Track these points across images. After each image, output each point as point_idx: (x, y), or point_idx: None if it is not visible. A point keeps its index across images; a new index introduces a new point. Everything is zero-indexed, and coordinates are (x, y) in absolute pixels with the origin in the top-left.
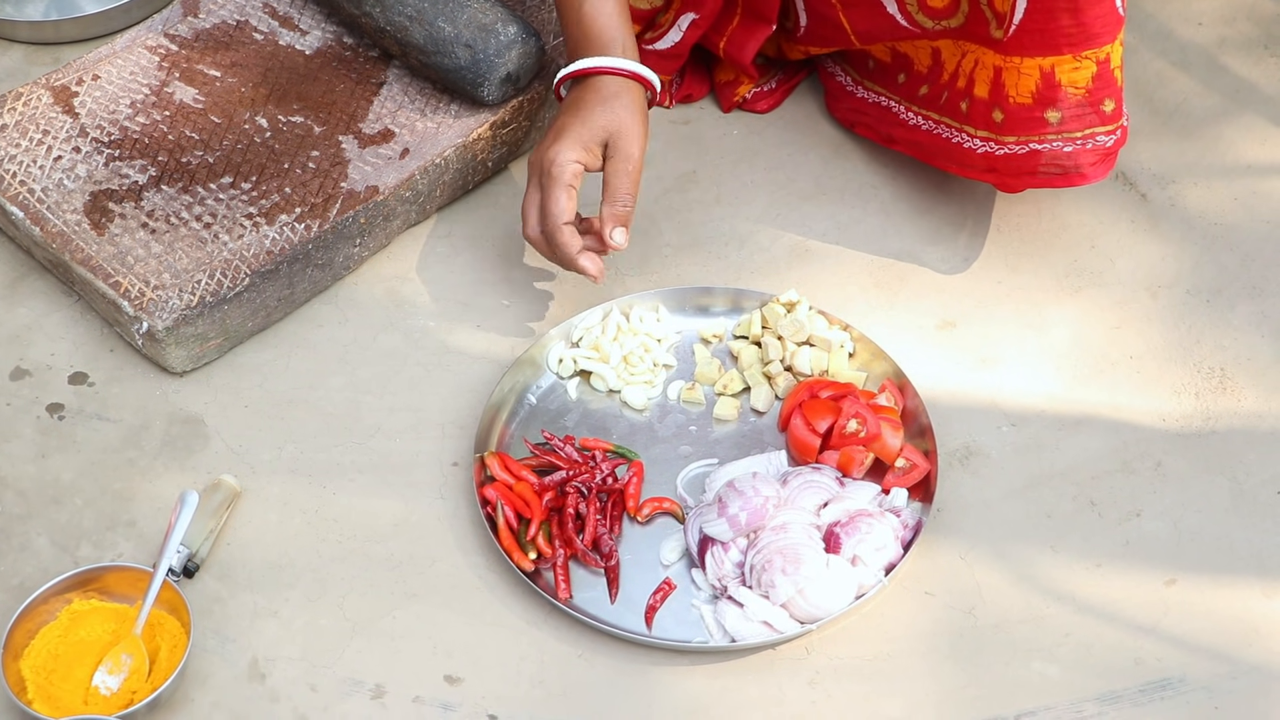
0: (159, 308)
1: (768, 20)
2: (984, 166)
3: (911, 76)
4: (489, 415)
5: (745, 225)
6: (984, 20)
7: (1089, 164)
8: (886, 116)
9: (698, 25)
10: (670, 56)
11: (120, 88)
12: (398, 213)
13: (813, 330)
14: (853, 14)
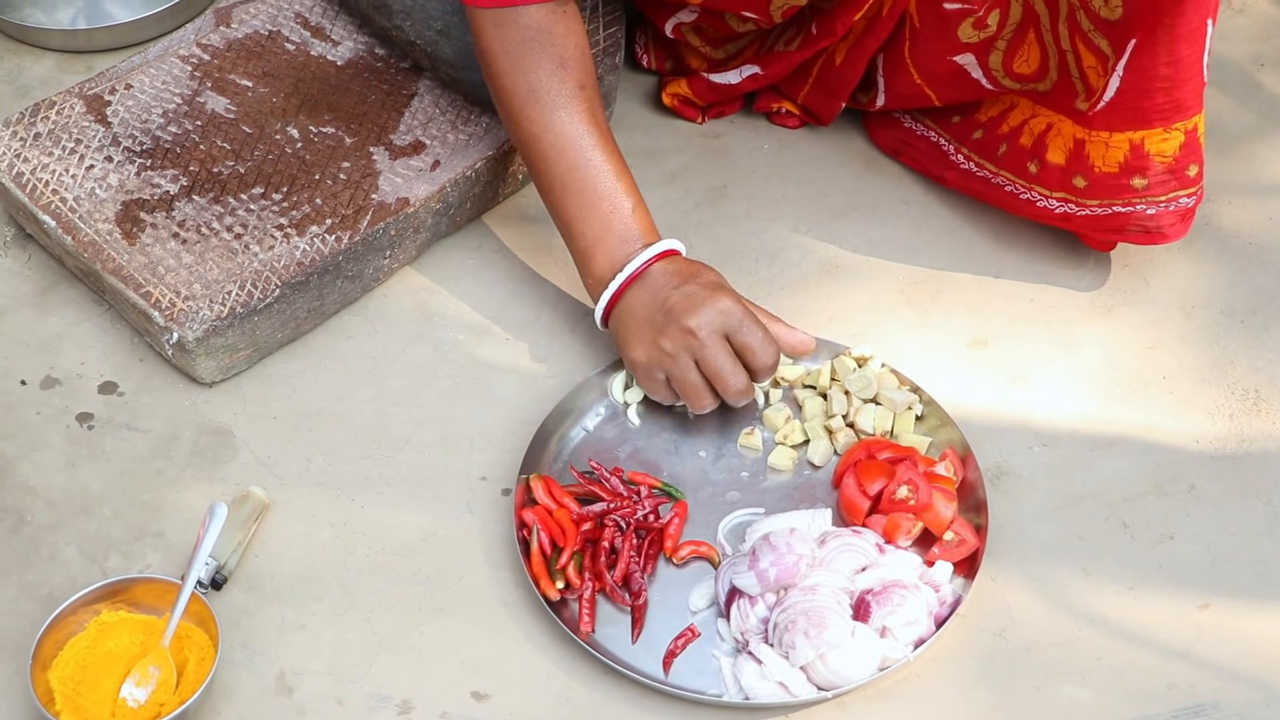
0: (189, 318)
1: (840, 97)
2: (1061, 220)
3: (968, 119)
4: (542, 437)
5: (776, 240)
6: (1072, 90)
7: (1170, 225)
8: (936, 154)
9: (757, 79)
10: (719, 91)
11: (152, 97)
12: (428, 225)
13: (881, 388)
14: (938, 86)
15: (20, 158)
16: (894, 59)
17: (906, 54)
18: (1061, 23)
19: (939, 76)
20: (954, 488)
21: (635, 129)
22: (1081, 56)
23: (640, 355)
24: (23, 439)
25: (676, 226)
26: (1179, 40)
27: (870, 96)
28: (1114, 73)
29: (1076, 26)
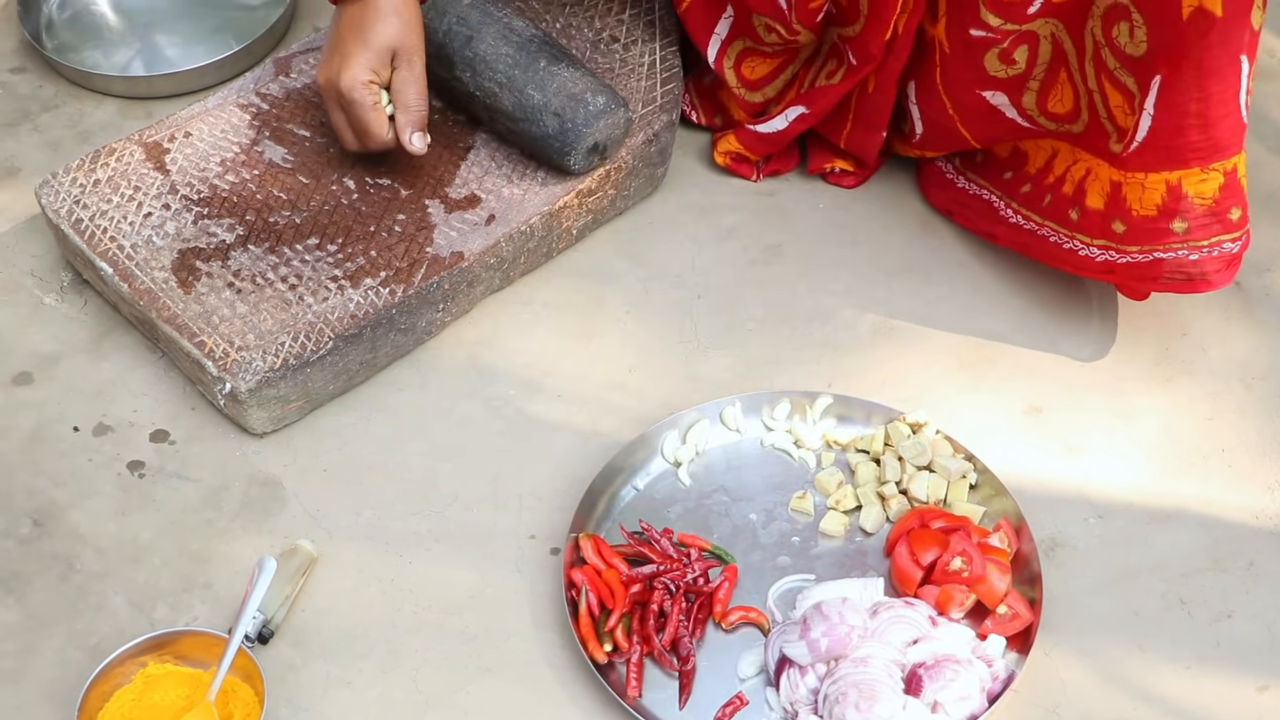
0: (242, 369)
1: (879, 127)
2: (1103, 270)
3: (1019, 174)
4: (592, 495)
5: (830, 300)
6: (1103, 132)
7: (1214, 271)
8: (987, 211)
9: (804, 119)
10: (769, 141)
11: (211, 145)
12: (481, 279)
13: (935, 456)
14: (971, 123)
15: (79, 204)
16: (926, 86)
17: (938, 81)
18: (1088, 61)
19: (971, 110)
20: (1008, 560)
21: (691, 186)
22: (1108, 95)
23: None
24: (74, 486)
25: (732, 285)
26: (1207, 75)
27: (908, 128)
28: (1143, 111)
29: (1102, 65)
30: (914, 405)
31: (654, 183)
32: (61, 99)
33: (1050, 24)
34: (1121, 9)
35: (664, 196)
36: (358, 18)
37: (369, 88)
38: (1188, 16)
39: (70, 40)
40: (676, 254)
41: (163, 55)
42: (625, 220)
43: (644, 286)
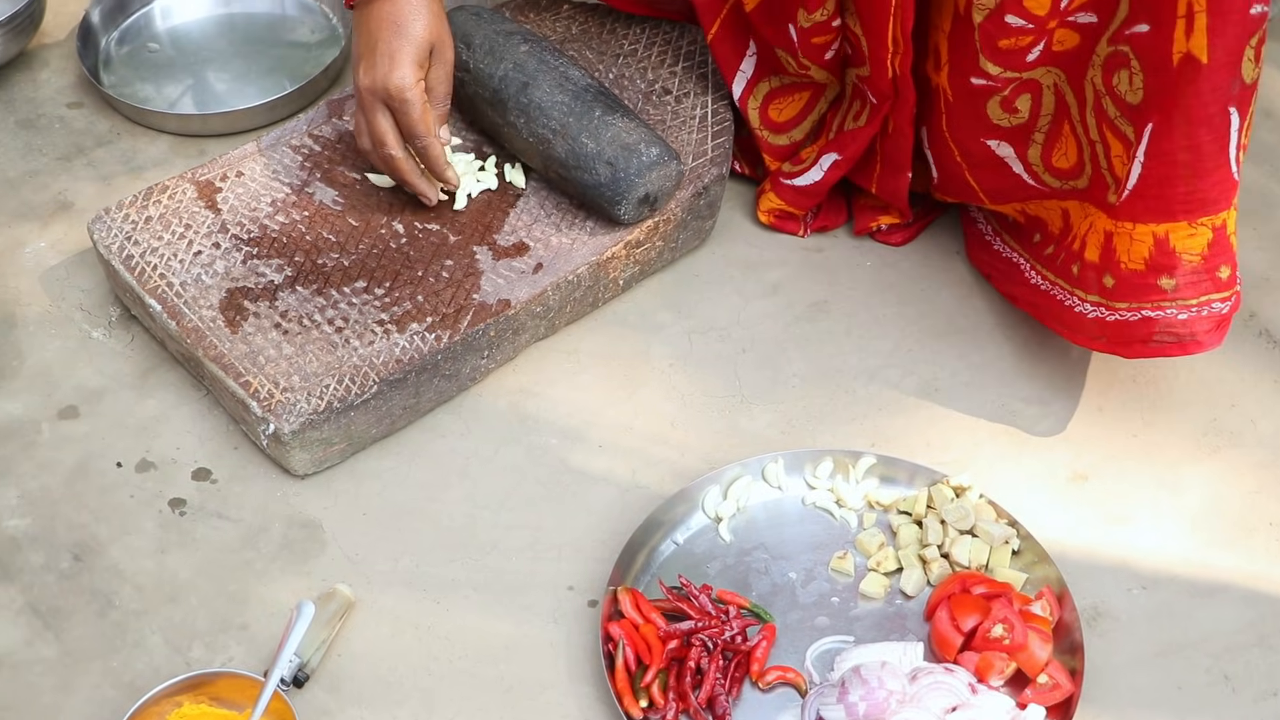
0: (286, 410)
1: (903, 168)
2: (1095, 333)
3: (1045, 237)
4: (632, 549)
5: (875, 359)
6: (1104, 184)
7: (1204, 331)
8: (1013, 273)
9: (839, 166)
10: (809, 194)
11: (263, 185)
12: (527, 327)
13: (978, 520)
14: (979, 174)
15: (131, 240)
16: (935, 133)
17: (945, 128)
18: (1089, 111)
19: (978, 160)
20: (1050, 628)
21: (738, 239)
22: (1109, 145)
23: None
24: (115, 522)
25: (777, 341)
26: (1196, 124)
27: (927, 173)
28: (1135, 159)
29: (1103, 114)
30: (957, 468)
31: (701, 235)
32: (116, 134)
33: (1052, 73)
34: (1121, 56)
35: (711, 249)
36: (393, 15)
37: (419, 89)
38: (1177, 63)
39: (126, 75)
40: (722, 307)
41: (216, 92)
42: (672, 272)
43: (689, 339)
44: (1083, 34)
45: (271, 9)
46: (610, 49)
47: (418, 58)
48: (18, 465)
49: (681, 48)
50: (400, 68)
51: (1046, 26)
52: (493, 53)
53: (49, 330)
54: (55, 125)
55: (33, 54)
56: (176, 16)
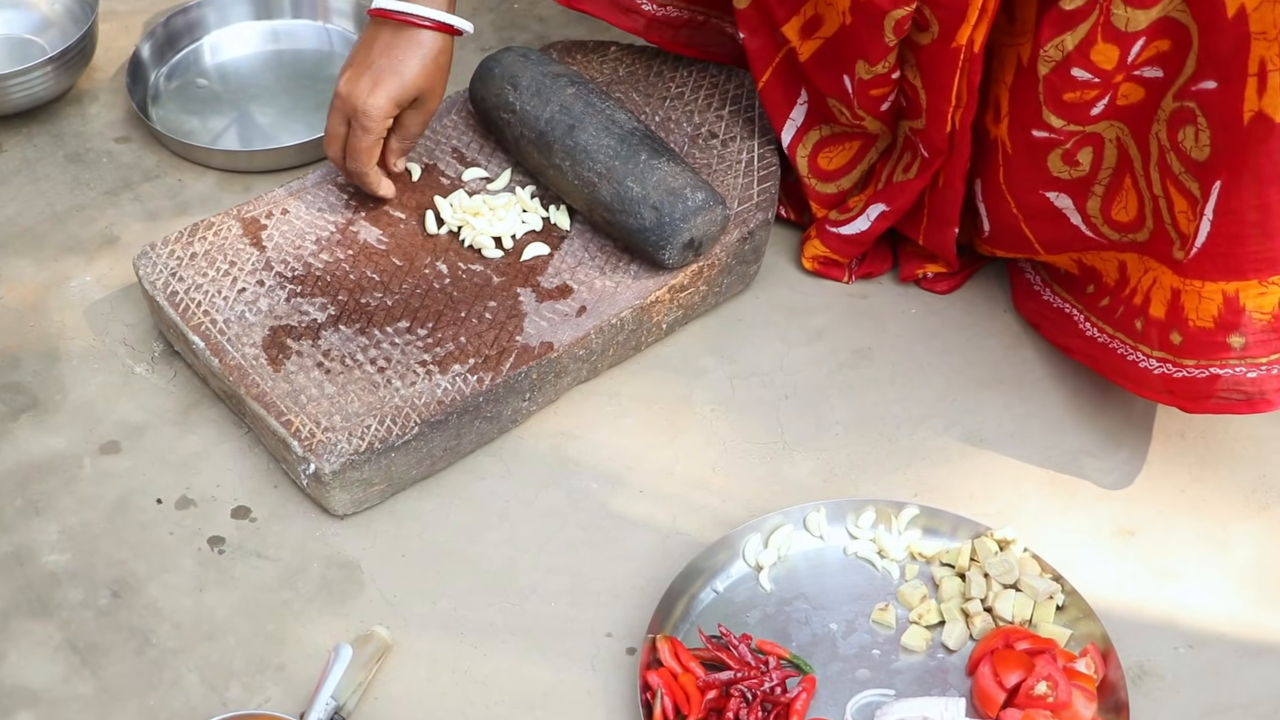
0: (327, 450)
1: (950, 223)
2: (1161, 388)
3: (1100, 288)
4: (671, 596)
5: (919, 408)
6: (1167, 239)
7: (1274, 390)
8: (1067, 324)
9: (886, 217)
10: (854, 242)
11: (307, 223)
12: (569, 370)
13: (1022, 574)
14: (1036, 225)
15: (176, 276)
16: (991, 185)
17: (1002, 181)
18: (1153, 166)
19: (1035, 211)
20: (1094, 686)
21: (783, 285)
22: (1173, 201)
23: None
24: (154, 559)
25: (820, 387)
26: (1267, 183)
27: (978, 226)
28: (1203, 217)
29: (1167, 170)
30: (1002, 521)
31: (746, 280)
32: (163, 169)
33: (1115, 127)
34: (1187, 113)
35: (755, 294)
36: (394, 47)
37: (384, 121)
38: (1248, 121)
39: (174, 111)
40: (765, 353)
41: (262, 129)
42: (715, 317)
43: (731, 384)
44: (1148, 88)
45: (319, 46)
46: (657, 91)
47: (398, 95)
48: (59, 500)
49: (729, 91)
50: (376, 96)
51: (1112, 81)
52: (539, 94)
53: (92, 365)
54: (103, 160)
55: (83, 89)
56: (225, 52)
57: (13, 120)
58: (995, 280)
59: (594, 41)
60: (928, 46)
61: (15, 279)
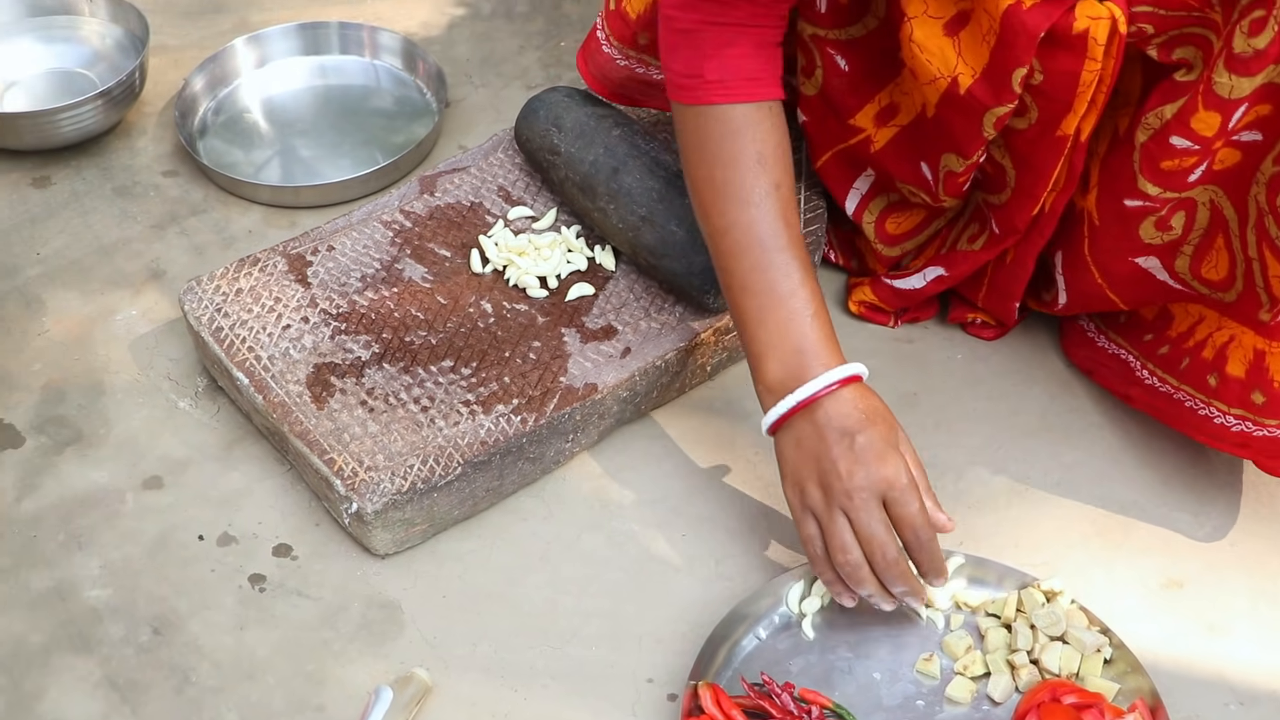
0: (370, 490)
1: (1014, 296)
2: (1237, 442)
3: (1159, 336)
4: (713, 642)
5: (964, 455)
6: (1256, 301)
7: None
8: (1124, 371)
9: (943, 280)
10: (905, 297)
11: (353, 260)
12: (613, 411)
13: (1070, 626)
14: (1120, 288)
15: (221, 312)
16: (1073, 257)
17: (1086, 252)
18: (1250, 229)
19: (1121, 277)
20: None
21: None
22: (1268, 265)
23: (794, 497)
24: (196, 596)
25: None
26: None
27: (1052, 295)
28: None
29: (1264, 233)
30: (1048, 571)
31: None
32: (210, 204)
33: (1210, 190)
34: None
35: None
36: (858, 410)
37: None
38: None
39: (221, 145)
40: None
41: (308, 164)
42: None
43: None
44: (1245, 152)
45: (366, 82)
46: None
47: (895, 437)
48: (101, 535)
49: None
50: (889, 457)
51: (1212, 147)
52: (584, 136)
53: (136, 399)
54: (150, 193)
55: (131, 122)
56: (273, 87)
57: (62, 153)
58: (1043, 326)
59: None
60: (1024, 132)
61: (62, 311)
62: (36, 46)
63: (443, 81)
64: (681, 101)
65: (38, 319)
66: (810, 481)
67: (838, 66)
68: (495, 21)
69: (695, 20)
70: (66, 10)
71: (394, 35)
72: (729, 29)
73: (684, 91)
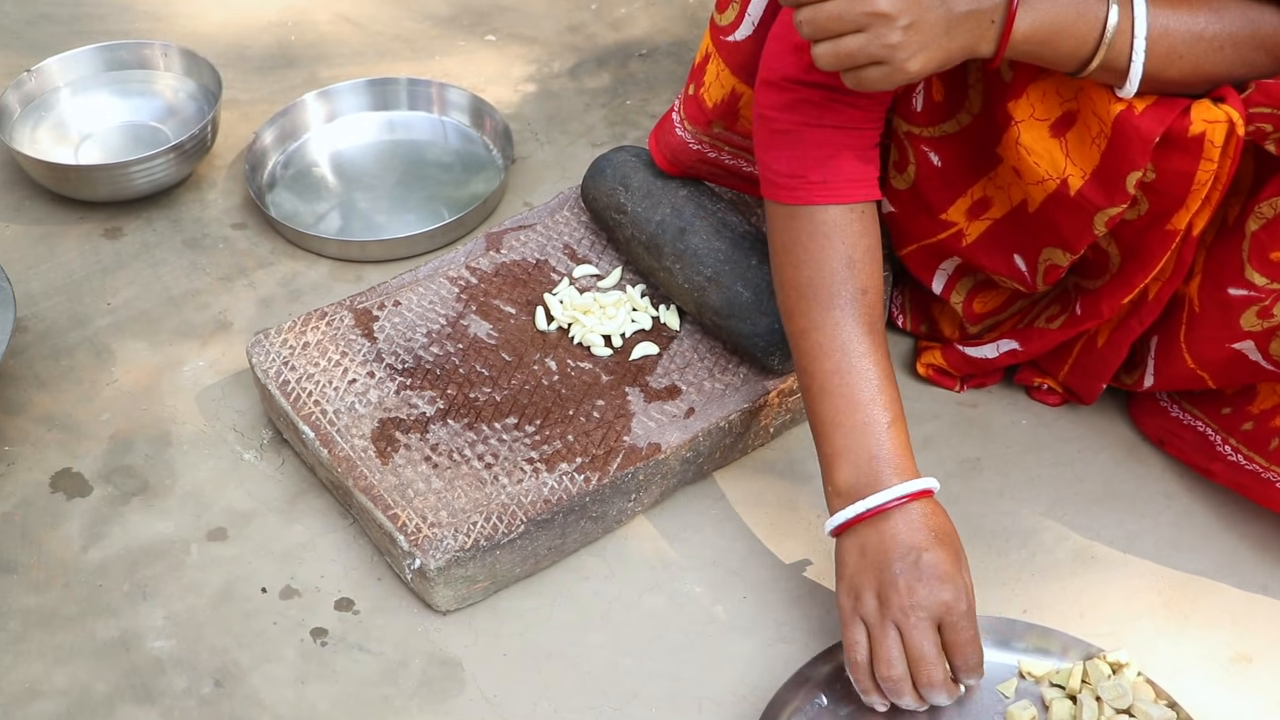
0: (433, 546)
1: (1100, 379)
2: None
3: (1239, 411)
4: (775, 707)
5: (1029, 521)
6: None
7: None
8: (1203, 445)
9: (1016, 355)
10: (975, 364)
11: (419, 316)
12: (676, 471)
13: (1136, 699)
14: (1212, 370)
15: (288, 365)
16: (1168, 343)
17: (1182, 339)
18: None
19: (1215, 362)
20: None
21: None
22: None
23: (847, 602)
24: (258, 648)
25: None
26: None
27: (1136, 377)
28: None
29: None
30: (1114, 641)
31: None
32: (277, 256)
33: None
34: None
35: None
36: (925, 525)
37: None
38: None
39: (289, 199)
40: None
41: (375, 219)
42: None
43: None
44: None
45: (433, 138)
46: None
47: (963, 565)
48: (166, 585)
49: None
50: (958, 578)
51: None
52: (650, 196)
53: (202, 450)
54: (219, 245)
55: (202, 175)
56: (341, 142)
57: (134, 205)
58: (1109, 392)
59: None
60: (1134, 223)
61: (130, 361)
62: (112, 100)
63: (509, 138)
64: (780, 200)
65: (107, 369)
66: (868, 590)
67: (931, 163)
68: (562, 80)
69: (795, 122)
70: (142, 65)
71: (462, 92)
72: (828, 130)
73: (783, 191)
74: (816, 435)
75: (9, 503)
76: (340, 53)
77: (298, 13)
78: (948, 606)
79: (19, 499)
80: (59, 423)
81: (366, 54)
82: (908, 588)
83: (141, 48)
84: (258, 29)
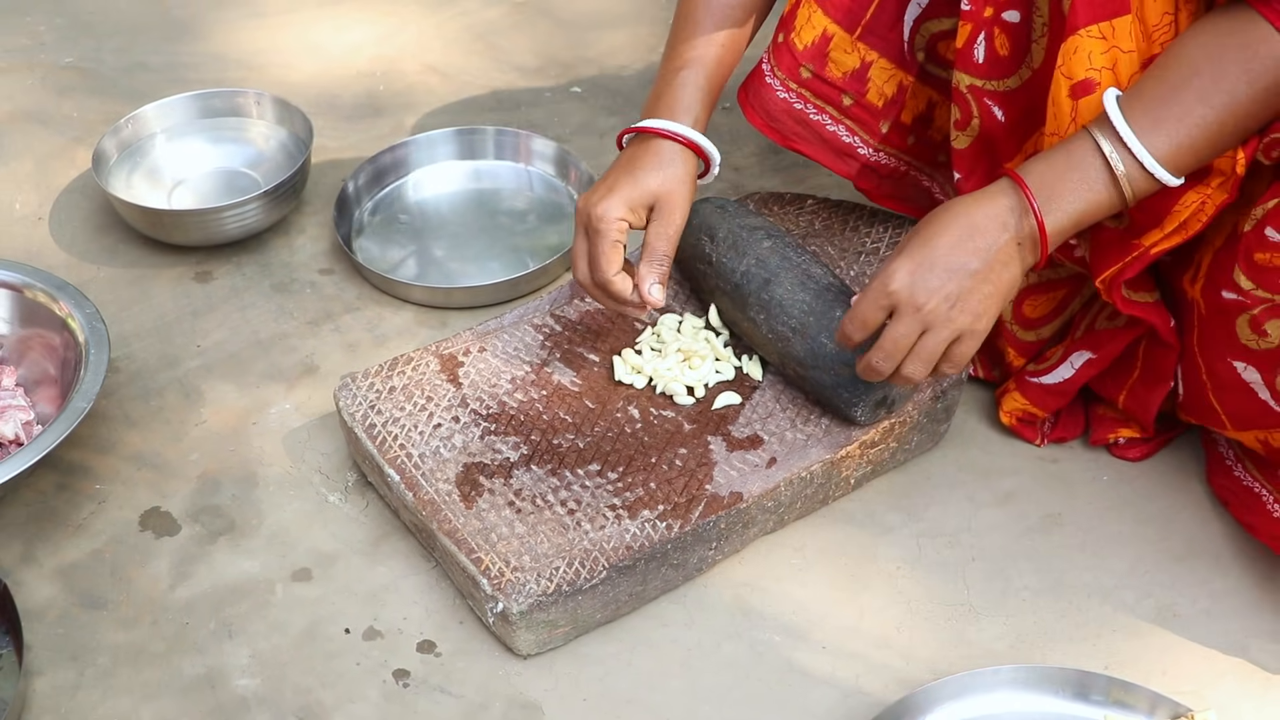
0: (516, 590)
1: (1165, 379)
2: None
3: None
4: None
5: (1110, 579)
6: None
7: None
8: (1254, 504)
9: (1092, 365)
10: (1055, 393)
11: (504, 362)
12: (757, 520)
13: None
14: (1223, 396)
15: (374, 409)
16: (1185, 349)
17: (1195, 345)
18: None
19: (1223, 382)
20: None
21: (972, 444)
22: None
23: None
24: (341, 689)
25: (1008, 551)
26: None
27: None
28: None
29: None
30: (1197, 700)
31: (935, 438)
32: (364, 302)
33: None
34: None
35: (944, 453)
36: (633, 158)
37: (617, 224)
38: None
39: (376, 244)
40: (952, 513)
41: (460, 266)
42: (903, 473)
43: (917, 543)
44: None
45: (518, 186)
46: (852, 245)
47: (632, 200)
48: (251, 624)
49: None
50: (607, 199)
51: None
52: (735, 247)
53: (288, 491)
54: (307, 290)
55: (291, 221)
56: (427, 189)
57: (225, 249)
58: (1189, 450)
59: (791, 194)
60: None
61: (219, 403)
62: (206, 147)
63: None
64: None
65: (196, 410)
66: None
67: (995, 117)
68: None
69: None
70: (235, 113)
71: (547, 142)
72: None
73: None
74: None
75: (100, 540)
76: (428, 102)
77: (386, 63)
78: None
79: (109, 536)
80: (149, 462)
81: (453, 104)
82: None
83: (235, 96)
84: (347, 78)
